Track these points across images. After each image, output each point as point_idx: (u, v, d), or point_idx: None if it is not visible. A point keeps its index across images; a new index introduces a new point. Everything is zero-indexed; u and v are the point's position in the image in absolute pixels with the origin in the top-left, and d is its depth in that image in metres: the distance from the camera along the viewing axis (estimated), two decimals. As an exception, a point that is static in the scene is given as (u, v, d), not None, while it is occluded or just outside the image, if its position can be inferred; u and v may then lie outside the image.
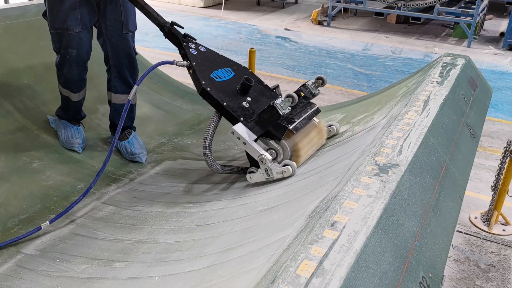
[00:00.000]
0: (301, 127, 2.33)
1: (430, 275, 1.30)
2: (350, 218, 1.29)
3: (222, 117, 2.41)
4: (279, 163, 2.23)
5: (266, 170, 2.19)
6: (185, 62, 2.47)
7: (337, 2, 9.42)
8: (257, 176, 2.24)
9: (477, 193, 3.70)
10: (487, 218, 3.33)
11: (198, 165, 2.92)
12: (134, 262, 1.97)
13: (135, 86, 2.46)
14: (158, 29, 2.63)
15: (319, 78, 2.53)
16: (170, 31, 2.58)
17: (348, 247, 1.18)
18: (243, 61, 3.50)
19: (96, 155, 2.96)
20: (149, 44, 7.33)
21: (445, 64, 2.62)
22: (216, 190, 2.48)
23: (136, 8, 2.79)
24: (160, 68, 3.76)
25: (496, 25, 10.04)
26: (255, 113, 2.34)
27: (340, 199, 1.38)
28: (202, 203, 2.35)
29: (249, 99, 2.41)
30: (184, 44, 2.53)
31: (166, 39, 2.63)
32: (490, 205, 3.30)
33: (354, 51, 7.64)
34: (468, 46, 8.30)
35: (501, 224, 3.32)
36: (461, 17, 8.54)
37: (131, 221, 2.33)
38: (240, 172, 2.48)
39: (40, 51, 3.46)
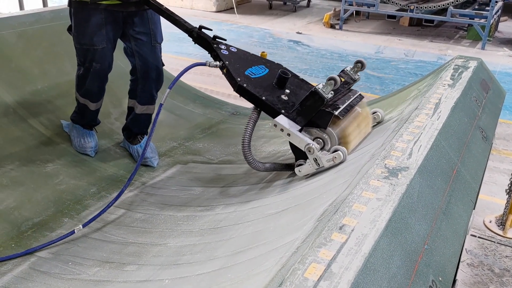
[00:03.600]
0: (347, 113, 2.20)
1: (440, 279, 1.29)
2: (358, 221, 1.29)
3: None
4: (328, 151, 2.13)
5: (315, 160, 2.09)
6: (217, 63, 2.43)
7: (349, 5, 9.40)
8: (306, 167, 2.14)
9: (492, 197, 3.66)
10: (502, 222, 3.28)
11: (209, 169, 2.93)
12: (145, 265, 1.99)
13: (168, 90, 2.41)
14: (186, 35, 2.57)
15: (358, 62, 2.42)
16: (199, 35, 2.55)
17: (356, 250, 1.18)
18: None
19: (109, 159, 3.00)
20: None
21: (457, 67, 2.60)
22: (226, 193, 2.49)
23: (160, 19, 2.81)
24: (172, 72, 3.80)
25: (511, 26, 9.92)
26: (295, 105, 2.24)
27: (349, 202, 1.38)
28: (213, 207, 2.36)
29: (287, 91, 2.34)
30: (215, 46, 2.50)
31: (196, 44, 2.59)
32: (505, 208, 3.26)
33: (367, 54, 7.61)
34: (482, 48, 8.21)
35: (516, 228, 3.27)
36: (475, 19, 8.46)
37: (142, 224, 2.35)
38: (283, 169, 2.39)
39: (54, 57, 3.51)
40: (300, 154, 2.17)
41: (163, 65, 2.96)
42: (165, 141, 3.28)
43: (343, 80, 2.31)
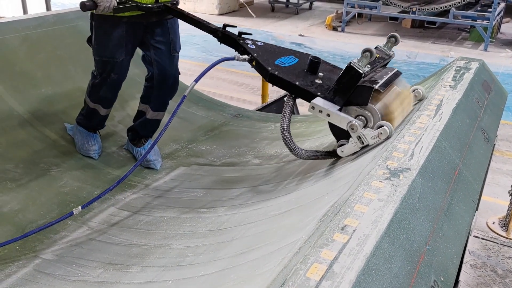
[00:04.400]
0: (386, 87, 2.07)
1: (442, 279, 1.29)
2: (360, 222, 1.29)
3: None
4: (372, 128, 2.01)
5: (359, 138, 1.98)
6: (246, 56, 2.40)
7: (351, 7, 9.42)
8: (349, 147, 2.04)
9: (495, 198, 3.66)
10: (505, 223, 3.29)
11: (212, 171, 2.94)
12: (148, 266, 2.00)
13: (193, 83, 2.41)
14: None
15: (391, 36, 2.30)
16: (223, 34, 2.54)
17: (358, 251, 1.18)
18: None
19: (112, 162, 3.01)
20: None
21: (458, 68, 2.60)
22: (229, 195, 2.50)
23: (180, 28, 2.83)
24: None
25: (514, 28, 9.92)
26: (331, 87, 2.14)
27: (350, 203, 1.38)
28: (216, 208, 2.37)
29: (321, 74, 2.28)
30: (241, 41, 2.48)
31: (222, 44, 2.58)
32: (508, 210, 3.26)
33: (369, 56, 7.62)
34: (485, 49, 8.22)
35: (519, 229, 3.27)
36: (477, 20, 8.47)
37: (146, 226, 2.36)
38: (326, 156, 2.29)
39: (57, 60, 3.54)
40: (340, 134, 2.08)
41: (179, 73, 2.98)
42: (168, 144, 3.30)
43: (378, 56, 2.21)
